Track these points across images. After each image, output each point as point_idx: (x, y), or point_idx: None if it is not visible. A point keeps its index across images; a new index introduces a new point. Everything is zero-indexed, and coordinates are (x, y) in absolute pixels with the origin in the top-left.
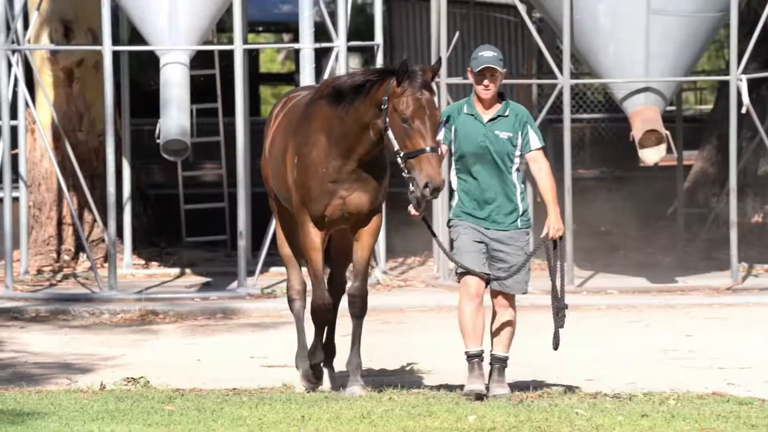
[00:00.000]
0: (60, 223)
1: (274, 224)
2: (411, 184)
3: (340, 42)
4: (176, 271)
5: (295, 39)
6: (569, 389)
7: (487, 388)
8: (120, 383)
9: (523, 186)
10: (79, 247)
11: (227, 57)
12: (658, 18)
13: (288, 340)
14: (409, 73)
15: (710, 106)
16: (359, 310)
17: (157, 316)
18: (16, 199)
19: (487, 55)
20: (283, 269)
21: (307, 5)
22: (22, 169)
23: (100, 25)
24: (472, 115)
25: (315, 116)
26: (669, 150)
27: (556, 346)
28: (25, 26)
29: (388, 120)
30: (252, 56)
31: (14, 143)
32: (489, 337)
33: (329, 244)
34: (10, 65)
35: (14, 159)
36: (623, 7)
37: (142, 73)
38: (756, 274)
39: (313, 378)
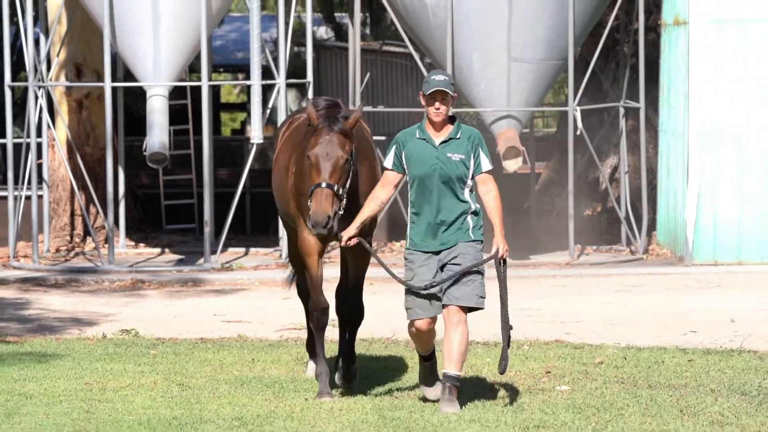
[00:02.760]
0: (72, 214)
1: (283, 234)
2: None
3: (280, 80)
4: (158, 250)
5: (247, 77)
6: None
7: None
8: (117, 333)
9: (478, 206)
10: (87, 232)
11: (196, 91)
12: (516, 64)
13: (241, 303)
14: (328, 117)
15: (554, 129)
16: (352, 320)
17: (144, 284)
18: (40, 197)
19: (438, 78)
20: (238, 249)
21: (256, 52)
22: (45, 174)
23: (103, 66)
24: (424, 139)
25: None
26: (524, 161)
27: (503, 370)
28: (48, 68)
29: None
30: (214, 90)
31: (39, 155)
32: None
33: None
34: (36, 97)
35: (39, 167)
36: (491, 56)
37: (133, 101)
38: (587, 253)
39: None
